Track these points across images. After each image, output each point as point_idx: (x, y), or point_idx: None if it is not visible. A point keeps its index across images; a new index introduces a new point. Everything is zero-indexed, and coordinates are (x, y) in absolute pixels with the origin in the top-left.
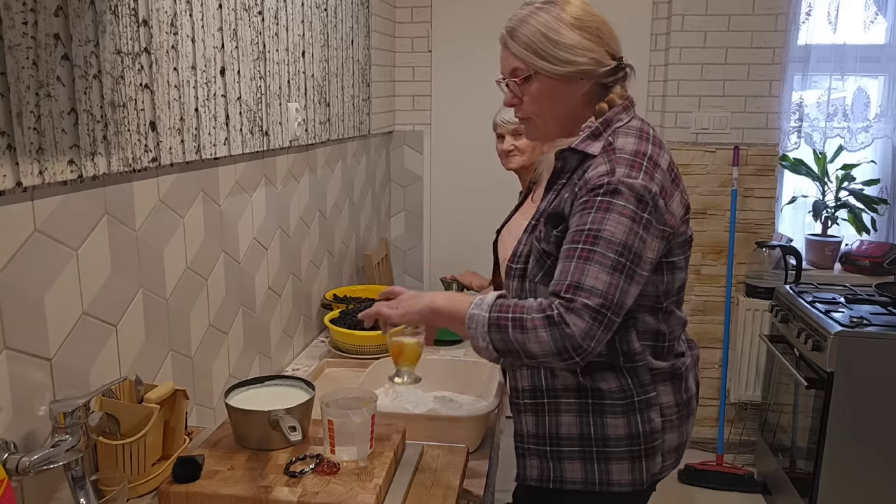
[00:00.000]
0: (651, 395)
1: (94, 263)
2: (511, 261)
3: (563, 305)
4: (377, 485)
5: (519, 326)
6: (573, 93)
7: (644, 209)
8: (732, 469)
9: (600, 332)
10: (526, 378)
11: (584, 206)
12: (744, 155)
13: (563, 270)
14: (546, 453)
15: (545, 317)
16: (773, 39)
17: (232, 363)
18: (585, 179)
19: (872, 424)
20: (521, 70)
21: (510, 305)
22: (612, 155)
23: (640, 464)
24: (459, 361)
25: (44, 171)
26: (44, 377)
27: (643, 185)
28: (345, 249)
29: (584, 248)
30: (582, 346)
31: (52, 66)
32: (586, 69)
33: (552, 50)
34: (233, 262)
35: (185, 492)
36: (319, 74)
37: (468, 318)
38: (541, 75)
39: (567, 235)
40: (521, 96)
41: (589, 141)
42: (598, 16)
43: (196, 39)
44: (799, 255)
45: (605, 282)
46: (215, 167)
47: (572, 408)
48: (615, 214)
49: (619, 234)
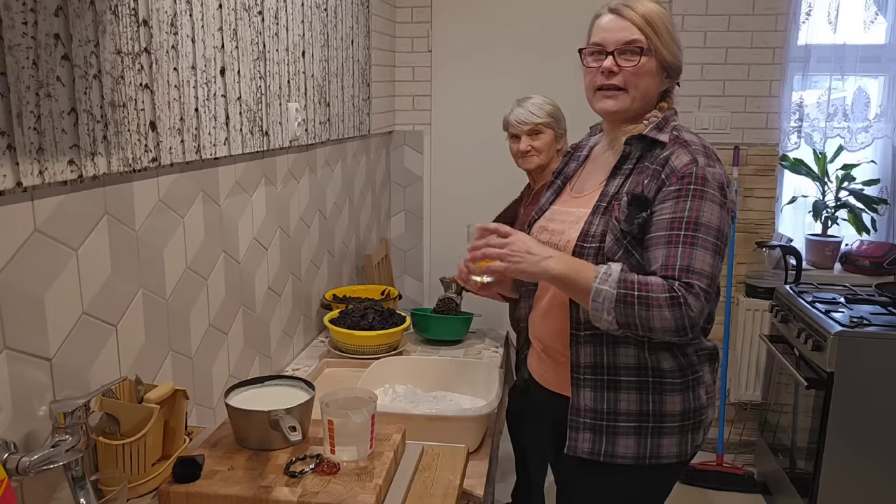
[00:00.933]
0: (700, 374)
1: (94, 263)
2: (582, 240)
3: (685, 287)
4: (377, 485)
5: (644, 304)
6: (659, 84)
7: (724, 195)
8: (732, 469)
9: (707, 310)
10: (588, 355)
11: (678, 194)
12: (744, 155)
13: (671, 254)
14: (602, 428)
15: (670, 297)
16: (773, 39)
17: (232, 363)
18: (672, 168)
19: (872, 424)
20: (640, 41)
21: (635, 282)
22: (688, 147)
23: (688, 437)
24: (459, 361)
25: (44, 171)
26: (44, 377)
27: (720, 174)
28: (345, 249)
29: (688, 235)
30: (697, 324)
31: (52, 66)
32: (678, 66)
33: (669, 37)
34: (233, 262)
35: (185, 492)
36: (319, 74)
37: (594, 292)
38: (653, 55)
39: (662, 221)
40: (623, 68)
41: (655, 131)
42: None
43: (196, 39)
44: (799, 255)
45: (710, 264)
46: (215, 167)
47: (632, 385)
48: (708, 202)
49: (714, 219)
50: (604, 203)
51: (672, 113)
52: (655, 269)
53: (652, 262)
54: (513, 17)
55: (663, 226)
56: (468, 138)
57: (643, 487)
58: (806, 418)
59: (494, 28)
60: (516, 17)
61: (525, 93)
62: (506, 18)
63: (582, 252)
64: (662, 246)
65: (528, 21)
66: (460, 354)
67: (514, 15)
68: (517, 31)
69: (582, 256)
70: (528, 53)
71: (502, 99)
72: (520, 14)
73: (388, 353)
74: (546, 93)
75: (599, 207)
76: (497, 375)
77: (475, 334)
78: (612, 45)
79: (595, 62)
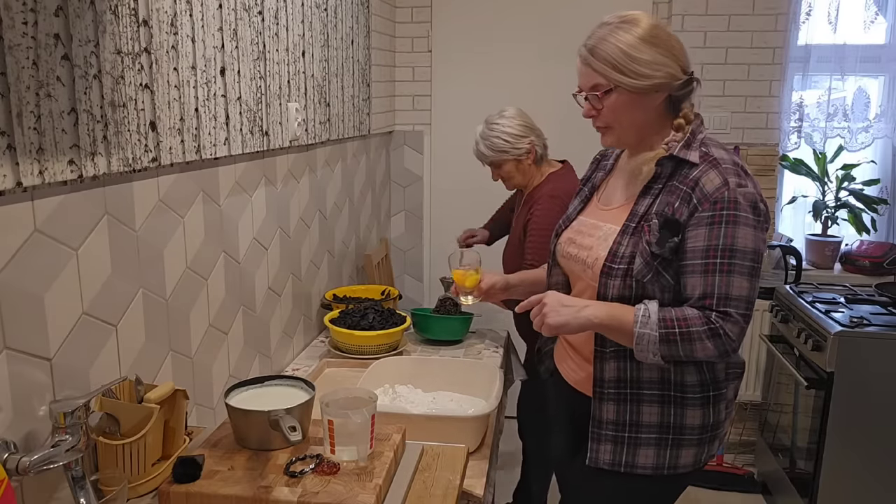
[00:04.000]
0: (723, 391)
1: (94, 263)
2: (610, 260)
3: (721, 318)
4: (377, 485)
5: (687, 339)
6: (649, 104)
7: (758, 215)
8: (732, 469)
9: (746, 329)
10: (612, 370)
11: (712, 219)
12: (744, 155)
13: (709, 283)
14: (623, 439)
15: (709, 329)
16: (773, 39)
17: (232, 363)
18: (704, 192)
19: (872, 424)
20: (602, 85)
21: (674, 320)
22: (718, 166)
23: (705, 448)
24: (459, 361)
25: (44, 171)
26: (44, 377)
27: (753, 192)
28: (345, 249)
29: (724, 262)
30: (738, 346)
31: (52, 66)
32: (662, 83)
33: (631, 66)
34: (233, 262)
35: (185, 492)
36: (319, 74)
37: (637, 336)
38: (621, 88)
39: (697, 248)
40: (600, 108)
41: (684, 150)
42: (670, 33)
43: (196, 39)
44: (799, 255)
45: (746, 288)
46: (215, 167)
47: (654, 398)
48: (742, 227)
49: (749, 243)
50: (633, 223)
51: (698, 124)
52: (693, 298)
53: (689, 290)
54: (513, 16)
55: (699, 254)
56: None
57: (658, 495)
58: (806, 418)
59: (494, 28)
60: (516, 17)
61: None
62: (506, 18)
63: (610, 272)
64: (699, 275)
65: (528, 21)
66: (460, 354)
67: (513, 15)
68: (517, 31)
69: (610, 276)
70: (528, 53)
71: (502, 99)
72: (520, 14)
73: (388, 353)
74: (545, 93)
75: (629, 228)
76: (497, 375)
77: (475, 334)
78: (584, 90)
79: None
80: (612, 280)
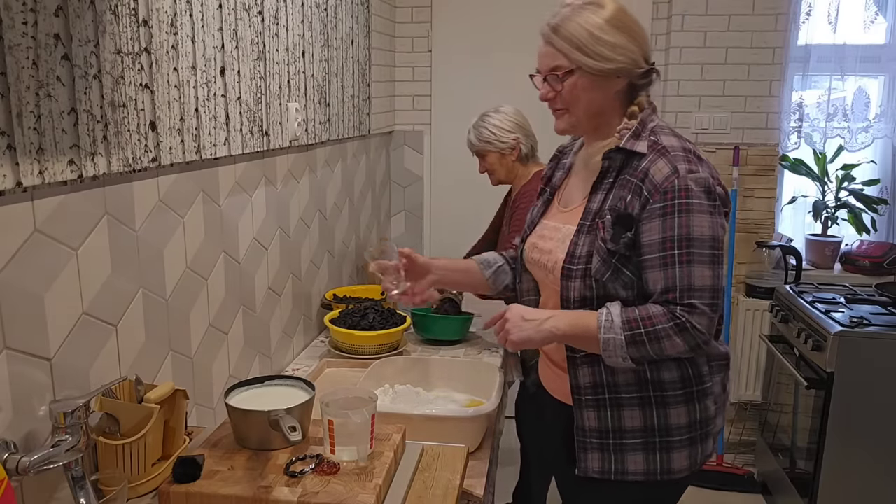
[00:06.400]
0: (708, 385)
1: (94, 263)
2: (568, 262)
3: (687, 311)
4: (377, 485)
5: (654, 338)
6: (608, 90)
7: (713, 199)
8: (732, 469)
9: (716, 319)
10: (587, 375)
11: (664, 210)
12: (744, 155)
13: (669, 276)
14: (609, 446)
15: (675, 325)
16: (773, 39)
17: (232, 363)
18: (654, 183)
19: (872, 424)
20: (563, 66)
21: (638, 320)
22: (667, 154)
23: (697, 448)
24: (459, 361)
25: (44, 171)
26: (44, 377)
27: (705, 177)
28: (345, 249)
29: (682, 253)
30: (709, 337)
31: (52, 66)
32: (624, 67)
33: (595, 47)
34: (233, 262)
35: (185, 492)
36: (319, 74)
37: (603, 343)
38: (582, 70)
39: (653, 241)
40: (559, 90)
41: (632, 140)
42: (635, 19)
43: (196, 39)
44: (799, 255)
45: (709, 276)
46: (215, 167)
47: (634, 401)
48: (696, 214)
49: (706, 230)
50: (587, 221)
51: (649, 113)
52: (655, 293)
53: (650, 285)
54: (512, 17)
55: (655, 247)
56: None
57: (654, 501)
58: (806, 418)
59: (494, 28)
60: (516, 17)
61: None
62: (505, 18)
63: (569, 274)
64: (658, 268)
65: (528, 21)
66: (460, 354)
67: (513, 15)
68: (517, 31)
69: (570, 278)
70: (528, 53)
71: (502, 99)
72: (519, 14)
73: (388, 353)
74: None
75: (584, 226)
76: (497, 375)
77: (475, 334)
78: (543, 71)
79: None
80: (572, 282)
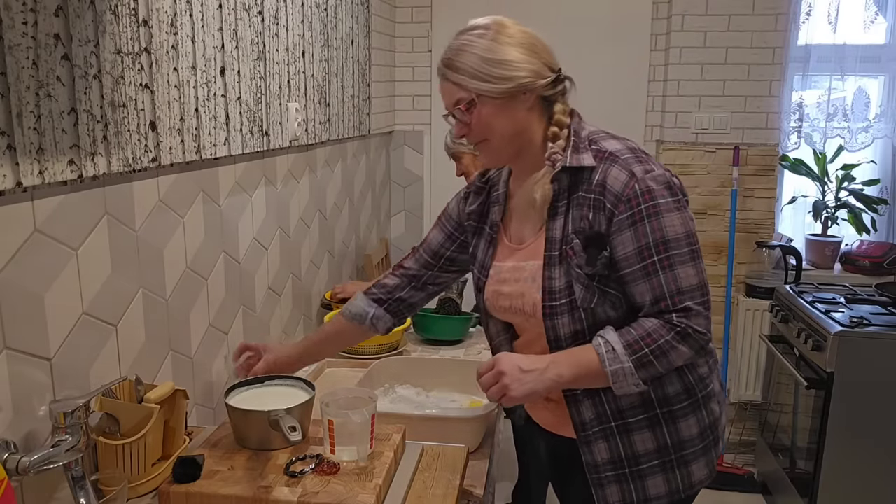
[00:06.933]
0: (710, 388)
1: (94, 263)
2: (548, 300)
3: (683, 316)
4: (377, 485)
5: (661, 354)
6: (517, 109)
7: (675, 193)
8: (732, 469)
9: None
10: (589, 409)
11: (633, 219)
12: (744, 155)
13: (655, 286)
14: (626, 476)
15: (676, 334)
16: (773, 39)
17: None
18: (614, 193)
19: (872, 424)
20: (464, 98)
21: (639, 341)
22: (617, 160)
23: (711, 454)
24: (459, 361)
25: (44, 171)
26: (44, 377)
27: (662, 173)
28: (345, 249)
29: (663, 258)
30: (710, 336)
31: (52, 66)
32: (526, 82)
33: (490, 70)
34: (233, 262)
35: (185, 492)
36: (319, 74)
37: (612, 376)
38: (484, 97)
39: (630, 254)
40: (469, 122)
41: (575, 155)
42: (530, 32)
43: (196, 39)
44: (799, 255)
45: (694, 274)
46: (215, 167)
47: (643, 423)
48: (665, 215)
49: (679, 228)
50: (555, 252)
51: (577, 122)
52: (645, 305)
53: (639, 298)
54: (512, 17)
55: (634, 259)
56: None
57: None
58: (806, 418)
59: None
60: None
61: None
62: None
63: (553, 312)
64: (642, 280)
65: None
66: (460, 354)
67: (513, 16)
68: None
69: (555, 316)
70: None
71: None
72: (519, 15)
73: (388, 353)
74: None
75: (552, 258)
76: None
77: (475, 334)
78: (449, 108)
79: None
80: (559, 319)
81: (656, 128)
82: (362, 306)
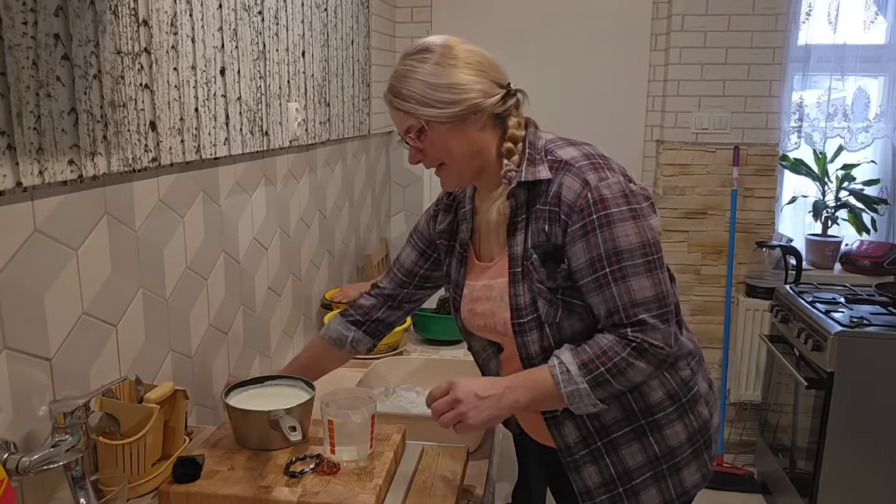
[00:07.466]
0: (696, 390)
1: (94, 263)
2: (516, 317)
3: (638, 330)
4: (377, 485)
5: (618, 373)
6: (470, 130)
7: (632, 202)
8: (732, 469)
9: (673, 327)
10: (573, 431)
11: (585, 230)
12: (744, 155)
13: (608, 299)
14: (620, 496)
15: (632, 350)
16: (773, 39)
17: (232, 363)
18: (567, 204)
19: (872, 424)
20: (414, 125)
21: (594, 359)
22: (571, 169)
23: (703, 457)
24: (459, 361)
25: (44, 171)
26: (44, 377)
27: (618, 181)
28: (345, 249)
29: (614, 270)
30: (671, 350)
31: (52, 66)
32: (475, 102)
33: (436, 95)
34: (233, 262)
35: (185, 492)
36: (319, 74)
37: (567, 397)
38: (433, 123)
39: (583, 266)
40: (422, 148)
41: (531, 168)
42: (475, 50)
43: (196, 39)
44: (799, 255)
45: (649, 286)
46: (215, 167)
47: (629, 436)
48: (618, 225)
49: (633, 239)
50: (518, 268)
51: (533, 131)
52: (601, 318)
53: (595, 311)
54: (512, 18)
55: (587, 271)
56: None
57: None
58: (806, 418)
59: (494, 29)
60: (516, 18)
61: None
62: (505, 19)
63: (522, 329)
64: (595, 292)
65: (528, 22)
66: (460, 354)
67: (513, 16)
68: (516, 33)
69: (524, 333)
70: (527, 54)
71: None
72: (519, 15)
73: (388, 353)
74: (543, 94)
75: (516, 275)
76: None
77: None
78: (402, 136)
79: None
80: (528, 336)
81: (656, 128)
82: (340, 330)
